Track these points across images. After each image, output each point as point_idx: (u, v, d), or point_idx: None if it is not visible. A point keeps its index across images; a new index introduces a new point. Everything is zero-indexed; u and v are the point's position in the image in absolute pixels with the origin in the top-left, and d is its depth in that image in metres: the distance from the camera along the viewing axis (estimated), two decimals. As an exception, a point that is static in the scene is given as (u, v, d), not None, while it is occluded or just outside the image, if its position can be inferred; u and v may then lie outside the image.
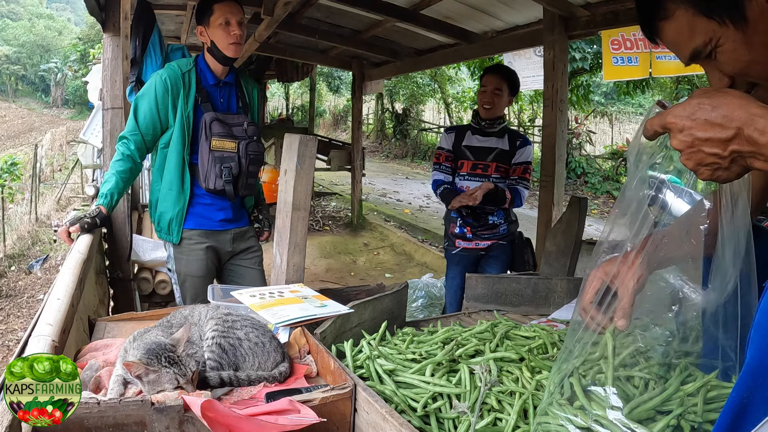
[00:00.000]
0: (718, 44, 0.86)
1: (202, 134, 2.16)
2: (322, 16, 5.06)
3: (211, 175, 2.16)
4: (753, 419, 0.62)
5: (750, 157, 0.72)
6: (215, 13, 2.16)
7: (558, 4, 3.33)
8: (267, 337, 1.22)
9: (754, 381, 0.65)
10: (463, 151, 2.84)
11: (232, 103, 2.31)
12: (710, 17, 0.84)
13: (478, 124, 2.82)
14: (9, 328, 5.04)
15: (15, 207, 9.65)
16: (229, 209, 2.29)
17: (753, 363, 0.65)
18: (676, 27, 0.88)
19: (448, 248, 2.95)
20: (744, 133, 0.70)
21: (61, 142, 18.17)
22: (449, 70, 14.93)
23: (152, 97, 2.14)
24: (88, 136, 4.97)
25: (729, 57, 0.86)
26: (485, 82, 2.76)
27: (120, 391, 1.03)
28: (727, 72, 0.88)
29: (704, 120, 0.72)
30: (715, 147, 0.72)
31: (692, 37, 0.87)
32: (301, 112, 21.04)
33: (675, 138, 0.76)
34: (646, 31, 0.94)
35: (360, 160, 7.69)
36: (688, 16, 0.86)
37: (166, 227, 2.24)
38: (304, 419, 0.91)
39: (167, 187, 2.21)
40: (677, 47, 0.91)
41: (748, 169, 0.75)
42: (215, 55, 2.20)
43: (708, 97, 0.74)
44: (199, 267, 2.26)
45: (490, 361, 1.18)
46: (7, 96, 38.11)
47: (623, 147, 11.34)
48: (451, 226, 2.91)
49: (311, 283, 3.45)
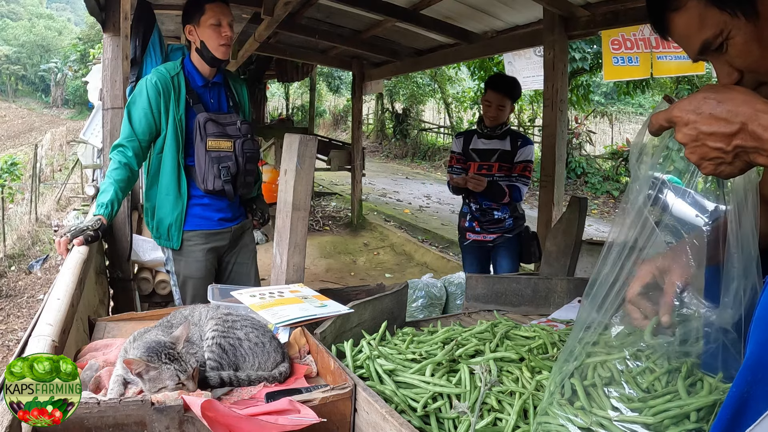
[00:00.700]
0: (729, 36, 0.85)
1: (197, 135, 2.14)
2: (322, 16, 5.06)
3: (209, 176, 2.15)
4: (753, 414, 0.62)
5: (753, 153, 0.72)
6: (207, 13, 2.13)
7: (558, 4, 3.33)
8: (267, 337, 1.22)
9: (753, 376, 0.65)
10: (470, 153, 3.13)
11: (223, 103, 2.29)
12: (722, 9, 0.84)
13: (482, 129, 3.08)
14: (9, 328, 5.04)
15: (15, 207, 9.65)
16: (227, 209, 2.29)
17: (752, 358, 0.65)
18: (687, 18, 0.87)
19: (461, 241, 3.32)
20: (748, 129, 0.70)
21: (61, 142, 18.17)
22: (449, 70, 14.94)
23: (145, 101, 2.11)
24: (88, 136, 4.97)
25: (740, 50, 0.85)
26: (489, 98, 2.98)
27: (120, 391, 1.03)
28: (737, 66, 0.87)
29: (709, 114, 0.73)
30: (719, 141, 0.72)
31: (703, 28, 0.86)
32: (301, 112, 21.04)
33: (680, 131, 0.76)
34: (656, 24, 0.93)
35: (360, 160, 7.69)
36: (700, 8, 0.85)
37: (165, 233, 2.22)
38: (304, 419, 0.91)
39: (164, 193, 2.18)
40: (687, 39, 0.90)
41: (751, 165, 0.75)
42: (204, 56, 2.17)
43: (714, 92, 0.74)
44: (198, 269, 2.25)
45: (490, 361, 1.18)
46: (7, 96, 38.12)
47: (623, 147, 11.33)
48: (462, 221, 3.25)
49: (311, 283, 3.45)
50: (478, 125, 3.14)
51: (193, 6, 2.16)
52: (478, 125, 3.14)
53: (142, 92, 2.12)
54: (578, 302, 1.92)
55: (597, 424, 0.86)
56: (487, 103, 3.01)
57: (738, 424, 0.66)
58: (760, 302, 0.67)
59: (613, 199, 10.71)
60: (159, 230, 2.23)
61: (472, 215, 3.18)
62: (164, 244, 2.25)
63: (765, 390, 0.62)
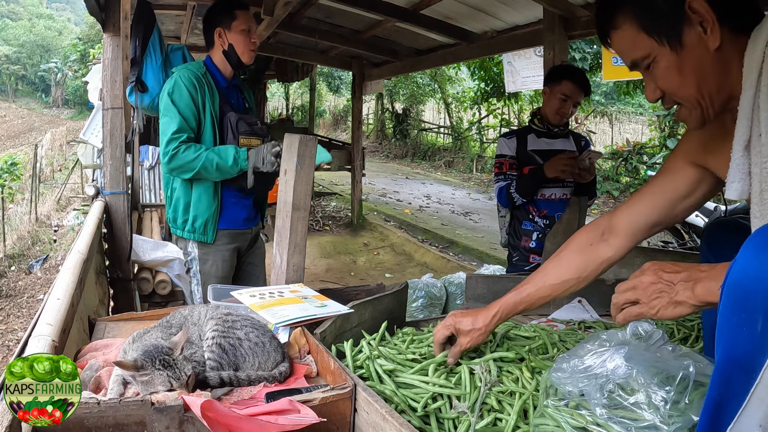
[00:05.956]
0: (654, 60, 0.96)
1: (229, 133, 2.18)
2: (322, 16, 5.06)
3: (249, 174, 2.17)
4: (729, 413, 0.65)
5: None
6: (238, 19, 2.18)
7: (558, 4, 3.33)
8: (267, 337, 1.21)
9: (723, 379, 0.69)
10: (530, 156, 2.64)
11: (240, 105, 2.34)
12: (650, 36, 0.94)
13: (545, 127, 2.65)
14: (9, 328, 5.04)
15: (15, 207, 9.66)
16: (249, 208, 2.33)
17: (721, 362, 0.69)
18: (622, 37, 0.99)
19: (517, 263, 2.73)
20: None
21: (61, 142, 18.17)
22: (449, 70, 14.94)
23: (185, 92, 2.11)
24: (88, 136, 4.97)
25: (661, 74, 0.96)
26: (567, 91, 2.54)
27: (120, 391, 1.03)
28: (659, 86, 0.98)
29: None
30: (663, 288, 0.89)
31: (634, 49, 0.98)
32: (301, 112, 21.02)
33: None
34: (601, 36, 1.05)
35: (360, 160, 7.69)
36: (633, 31, 0.96)
37: (201, 228, 2.24)
38: (304, 419, 0.91)
39: (203, 188, 2.20)
40: (622, 54, 1.02)
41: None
42: (231, 58, 2.22)
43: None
44: (224, 268, 2.29)
45: (490, 361, 1.18)
46: (7, 96, 38.11)
47: (623, 147, 11.32)
48: (525, 240, 2.70)
49: (311, 283, 3.44)
50: (535, 122, 2.67)
51: (223, 10, 2.20)
52: (535, 122, 2.67)
53: (180, 85, 2.12)
54: (578, 302, 1.92)
55: (593, 424, 0.86)
56: (563, 97, 2.54)
57: (718, 424, 0.69)
58: (720, 312, 0.70)
59: (613, 199, 10.70)
60: (195, 224, 2.24)
61: (542, 232, 2.62)
62: (198, 239, 2.25)
63: (736, 390, 0.65)
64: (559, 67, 2.74)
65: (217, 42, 2.22)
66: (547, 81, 2.65)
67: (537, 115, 2.68)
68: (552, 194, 2.65)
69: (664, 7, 0.92)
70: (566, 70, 2.62)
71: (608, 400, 0.87)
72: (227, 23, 2.19)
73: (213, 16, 2.23)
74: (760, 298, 0.63)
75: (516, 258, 2.75)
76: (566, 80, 2.54)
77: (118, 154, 2.64)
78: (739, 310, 0.66)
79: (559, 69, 2.69)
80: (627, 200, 1.21)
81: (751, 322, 0.64)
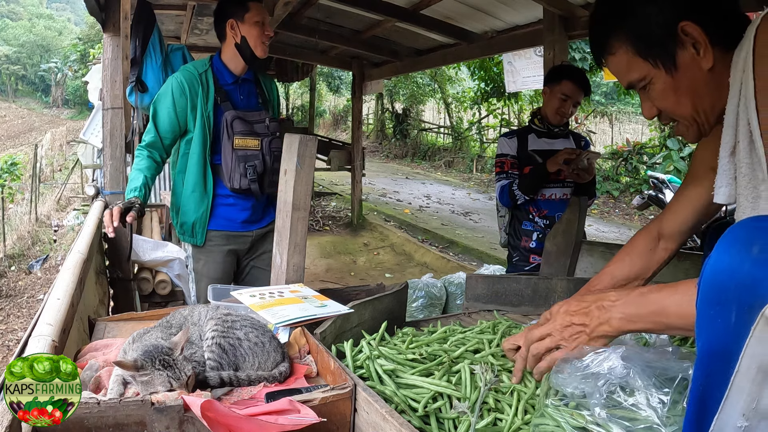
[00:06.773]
0: (651, 82, 0.99)
1: (224, 133, 2.14)
2: (322, 16, 5.07)
3: (235, 175, 2.15)
4: (713, 403, 0.68)
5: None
6: (252, 11, 2.11)
7: (558, 4, 3.33)
8: (267, 337, 1.21)
9: (704, 371, 0.71)
10: (530, 155, 2.66)
11: (252, 100, 2.28)
12: (645, 59, 0.98)
13: (545, 127, 2.66)
14: (9, 328, 5.04)
15: (15, 207, 9.66)
16: (252, 209, 2.29)
17: (702, 355, 0.72)
18: (618, 62, 1.02)
19: (518, 265, 2.73)
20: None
21: (61, 142, 18.17)
22: (449, 70, 14.95)
23: (170, 100, 2.11)
24: (88, 136, 4.98)
25: (658, 95, 1.00)
26: (568, 91, 2.54)
27: (120, 391, 1.03)
28: (656, 106, 1.02)
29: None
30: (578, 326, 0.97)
31: (629, 72, 1.01)
32: (301, 112, 21.03)
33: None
34: (595, 59, 1.08)
35: (360, 160, 7.69)
36: (629, 55, 0.99)
37: (189, 230, 2.23)
38: (304, 419, 0.91)
39: (190, 190, 2.19)
40: (618, 77, 1.06)
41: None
42: (244, 52, 2.15)
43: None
44: (216, 269, 2.27)
45: (490, 361, 1.18)
46: (7, 96, 38.13)
47: (623, 147, 11.33)
48: (525, 240, 2.71)
49: (311, 283, 3.44)
50: (535, 122, 2.68)
51: (235, 1, 2.14)
52: (535, 122, 2.68)
53: (167, 91, 2.12)
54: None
55: (593, 424, 0.86)
56: (563, 97, 2.55)
57: (704, 413, 0.70)
58: (698, 307, 0.72)
59: (613, 199, 10.70)
60: (183, 227, 2.24)
61: (542, 232, 2.63)
62: (188, 241, 2.26)
63: (717, 380, 0.68)
64: (559, 67, 2.74)
65: (229, 34, 2.15)
66: (547, 81, 2.65)
67: (537, 115, 2.69)
68: (552, 194, 2.67)
69: (657, 31, 0.95)
70: (566, 70, 2.62)
71: (608, 400, 0.87)
72: (240, 15, 2.11)
73: (225, 8, 2.16)
74: (732, 290, 0.66)
75: (516, 258, 2.76)
76: (566, 80, 2.55)
77: (118, 154, 2.64)
78: (714, 302, 0.69)
79: (559, 69, 2.69)
80: (669, 207, 1.33)
81: (725, 314, 0.67)
